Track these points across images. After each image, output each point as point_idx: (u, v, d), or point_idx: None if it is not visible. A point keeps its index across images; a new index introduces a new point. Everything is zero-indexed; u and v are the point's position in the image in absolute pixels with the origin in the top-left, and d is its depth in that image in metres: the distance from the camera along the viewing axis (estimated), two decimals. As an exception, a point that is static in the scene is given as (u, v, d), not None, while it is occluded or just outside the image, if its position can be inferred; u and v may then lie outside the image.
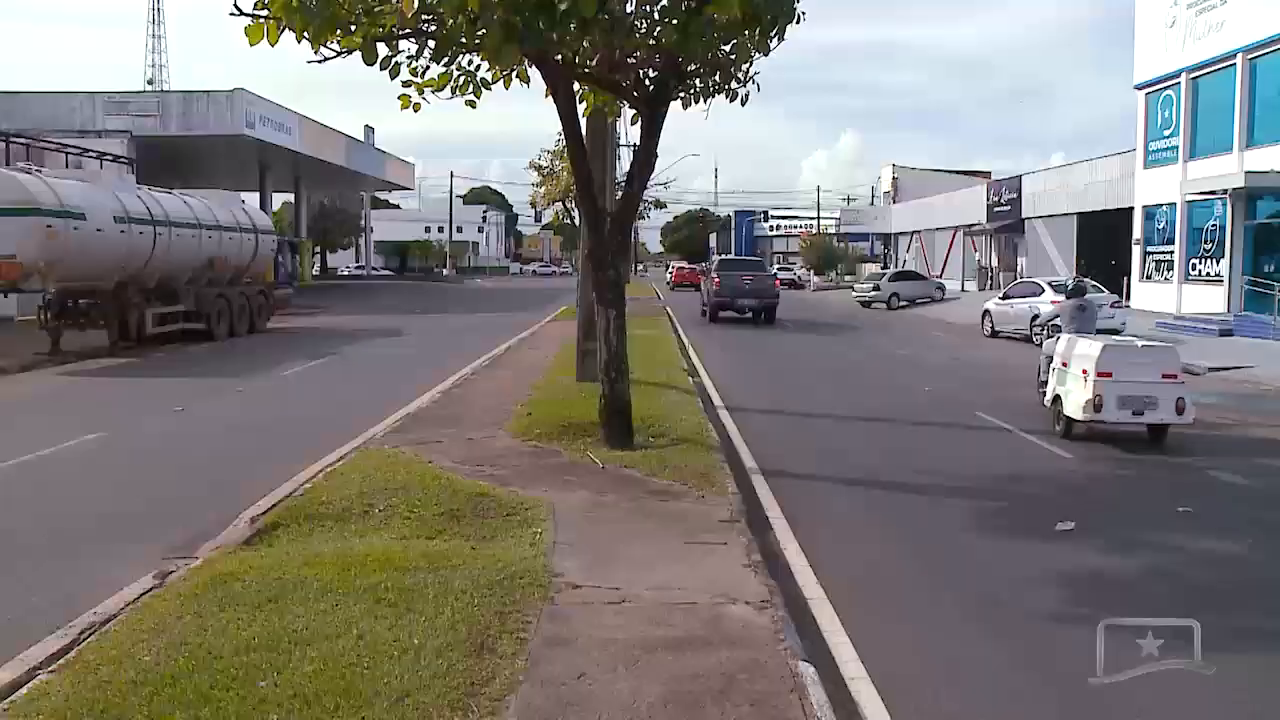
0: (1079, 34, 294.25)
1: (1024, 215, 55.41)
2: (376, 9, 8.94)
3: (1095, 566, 8.11)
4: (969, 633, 6.78)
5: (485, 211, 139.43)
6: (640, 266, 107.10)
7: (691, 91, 11.13)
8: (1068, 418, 14.02)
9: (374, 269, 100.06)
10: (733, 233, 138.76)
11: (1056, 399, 14.43)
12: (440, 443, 11.92)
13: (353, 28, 9.17)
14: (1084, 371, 13.62)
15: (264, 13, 8.75)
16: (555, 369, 18.84)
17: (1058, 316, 17.07)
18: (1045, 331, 17.13)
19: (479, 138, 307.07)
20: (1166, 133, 39.49)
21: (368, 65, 9.31)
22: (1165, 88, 39.43)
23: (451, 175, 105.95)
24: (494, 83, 10.11)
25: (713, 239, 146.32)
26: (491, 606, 6.33)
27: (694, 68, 10.76)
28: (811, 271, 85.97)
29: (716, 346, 27.48)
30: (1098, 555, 8.40)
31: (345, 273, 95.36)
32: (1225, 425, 15.74)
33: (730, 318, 37.40)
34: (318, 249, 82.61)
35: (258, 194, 54.46)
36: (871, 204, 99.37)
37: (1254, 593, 7.68)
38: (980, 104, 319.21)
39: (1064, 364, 14.39)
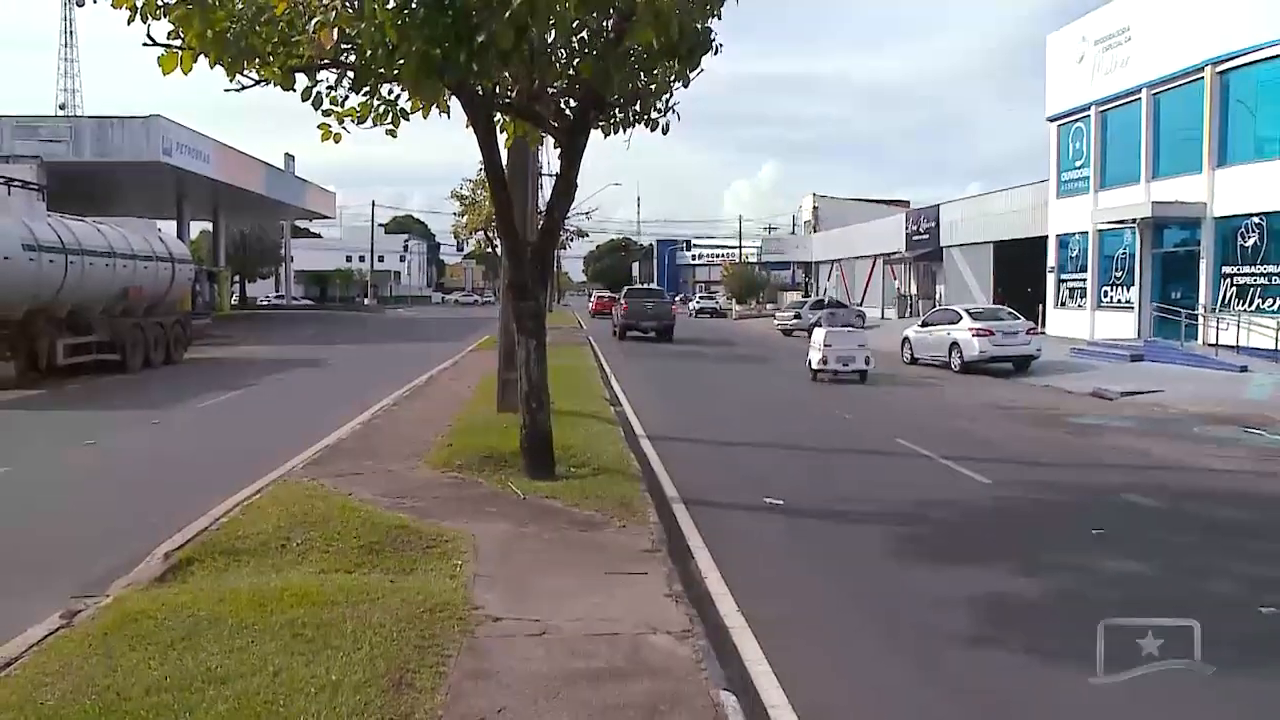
0: (996, 66, 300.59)
1: (942, 244, 56.35)
2: (294, 39, 8.87)
3: (1016, 590, 8.21)
4: (891, 660, 6.82)
5: (407, 240, 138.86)
6: (559, 295, 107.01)
7: (611, 121, 11.16)
8: (814, 369, 26.30)
9: (294, 298, 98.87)
10: (655, 262, 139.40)
11: (809, 361, 26.65)
12: (360, 475, 11.79)
13: (270, 58, 9.10)
14: (820, 344, 26.41)
15: (178, 42, 8.66)
16: (476, 399, 18.74)
17: (822, 316, 31.55)
18: (815, 325, 30.37)
19: (401, 166, 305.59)
20: (1078, 164, 40.47)
21: (286, 91, 9.25)
22: (1076, 120, 40.44)
23: (373, 204, 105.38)
24: (414, 112, 10.05)
25: (635, 268, 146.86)
26: (410, 640, 6.25)
27: (614, 98, 10.80)
28: (734, 300, 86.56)
29: (639, 376, 27.54)
30: (1017, 578, 8.52)
31: (265, 302, 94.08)
32: (1137, 449, 16.10)
33: (637, 338, 44.04)
34: (237, 278, 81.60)
35: (175, 222, 53.69)
36: (793, 233, 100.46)
37: (1157, 611, 7.82)
38: (900, 134, 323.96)
39: (813, 342, 27.18)
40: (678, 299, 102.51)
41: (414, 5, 8.32)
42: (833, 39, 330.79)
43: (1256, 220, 30.89)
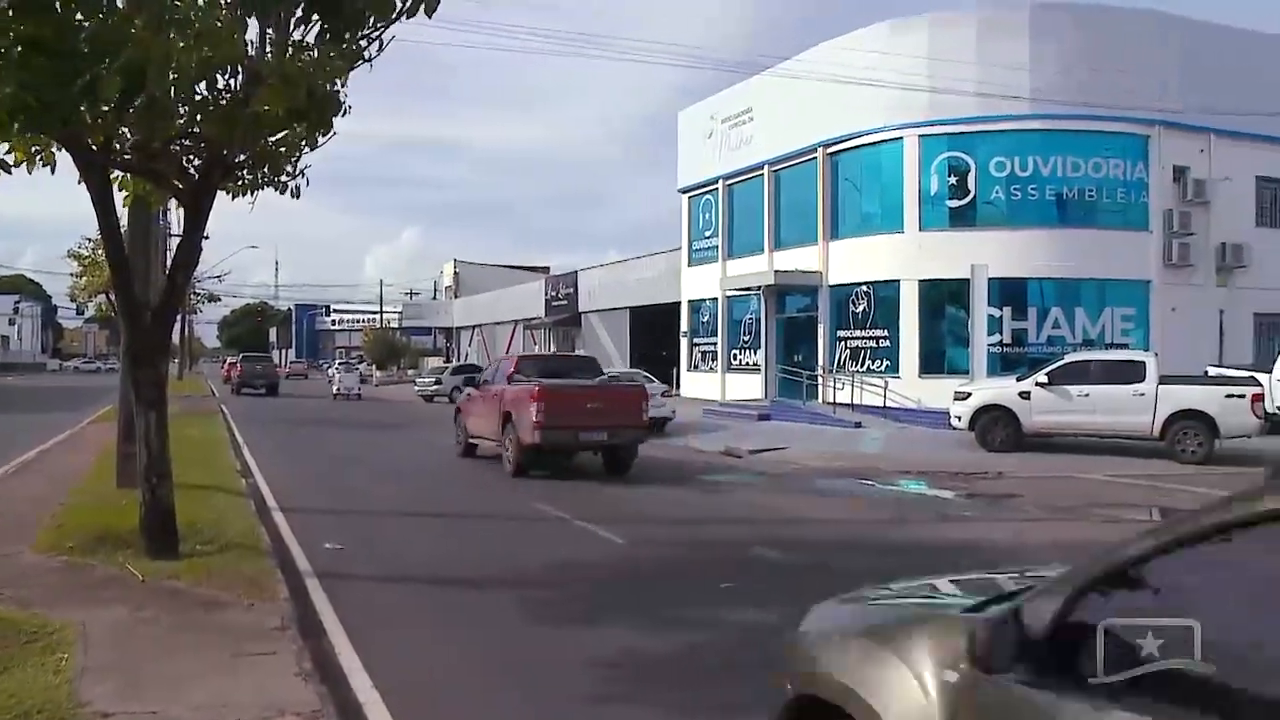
0: (634, 137, 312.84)
1: (581, 309, 57.74)
2: None
3: (650, 647, 8.34)
4: (527, 727, 6.78)
5: (18, 302, 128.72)
6: (192, 362, 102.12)
7: (239, 183, 10.73)
8: (334, 393, 53.66)
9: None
10: (294, 327, 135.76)
11: (332, 389, 54.62)
12: (-49, 562, 10.64)
13: None
14: (335, 379, 56.98)
15: None
16: (94, 475, 17.40)
17: (339, 364, 67.13)
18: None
19: (12, 220, 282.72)
20: (708, 233, 42.62)
21: None
22: (705, 192, 42.64)
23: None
24: (16, 165, 9.27)
25: (273, 333, 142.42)
26: (2, 749, 5.64)
27: (241, 159, 10.40)
28: (374, 366, 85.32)
29: (273, 445, 26.56)
30: (651, 636, 8.67)
31: None
32: (765, 504, 16.94)
33: (251, 394, 56.09)
34: None
35: None
36: (434, 298, 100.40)
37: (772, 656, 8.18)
38: (542, 201, 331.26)
39: (331, 378, 60.38)
40: (321, 365, 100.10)
41: (8, 44, 7.68)
42: (475, 105, 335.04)
43: (864, 288, 33.58)
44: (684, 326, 44.52)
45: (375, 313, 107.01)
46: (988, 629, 3.27)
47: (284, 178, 10.71)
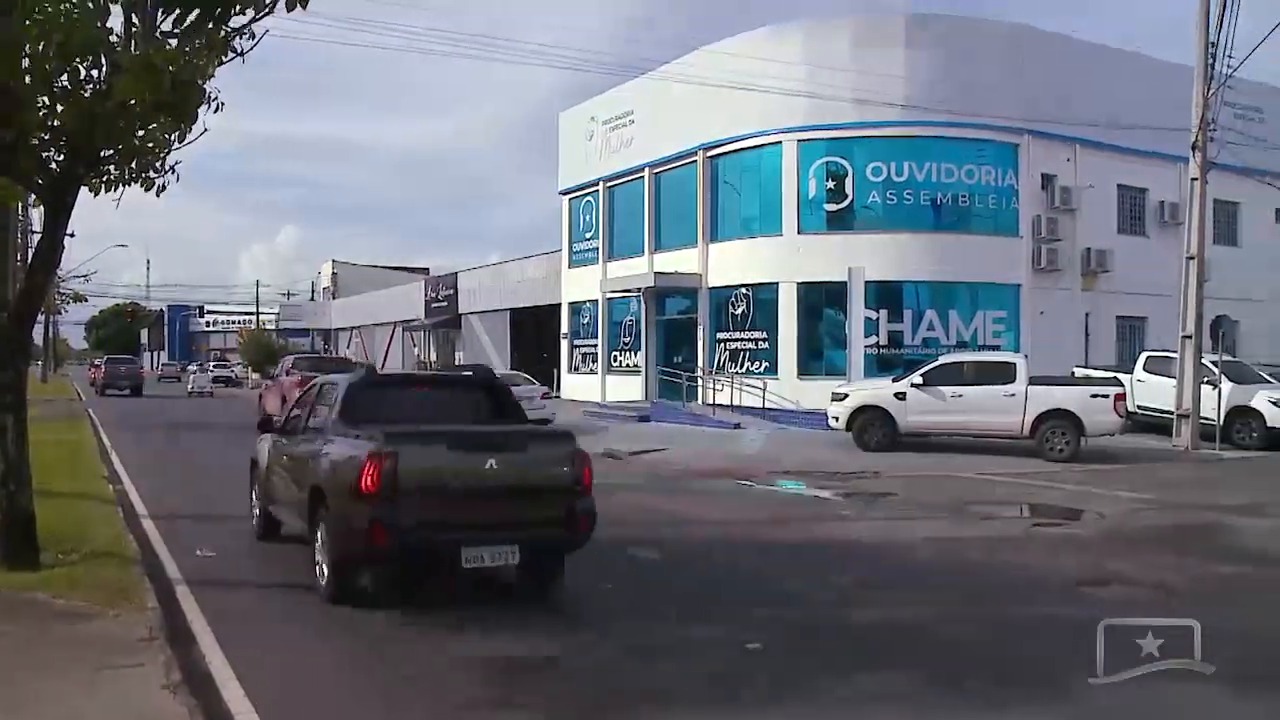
0: (515, 139, 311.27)
1: (461, 311, 57.31)
2: None
3: (522, 651, 8.25)
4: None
5: None
6: (57, 364, 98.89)
7: (104, 179, 10.31)
8: (189, 392, 60.74)
9: None
10: (165, 329, 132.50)
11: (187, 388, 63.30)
12: None
13: None
14: (191, 379, 66.56)
15: None
16: (-52, 481, 16.66)
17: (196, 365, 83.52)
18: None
19: None
20: (588, 235, 42.64)
21: None
22: (586, 194, 42.66)
23: None
24: None
25: (144, 335, 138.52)
26: None
27: (107, 153, 10.00)
28: (250, 369, 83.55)
29: (143, 451, 25.69)
30: (523, 640, 8.59)
31: None
32: (644, 506, 16.90)
33: (116, 396, 54.16)
34: None
35: None
36: (312, 299, 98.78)
37: (655, 657, 8.15)
38: (424, 202, 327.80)
39: (188, 378, 68.96)
40: (189, 366, 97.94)
41: None
42: (354, 104, 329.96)
43: (744, 290, 33.93)
44: (564, 328, 44.51)
45: (251, 314, 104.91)
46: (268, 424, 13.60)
47: (152, 174, 10.34)
